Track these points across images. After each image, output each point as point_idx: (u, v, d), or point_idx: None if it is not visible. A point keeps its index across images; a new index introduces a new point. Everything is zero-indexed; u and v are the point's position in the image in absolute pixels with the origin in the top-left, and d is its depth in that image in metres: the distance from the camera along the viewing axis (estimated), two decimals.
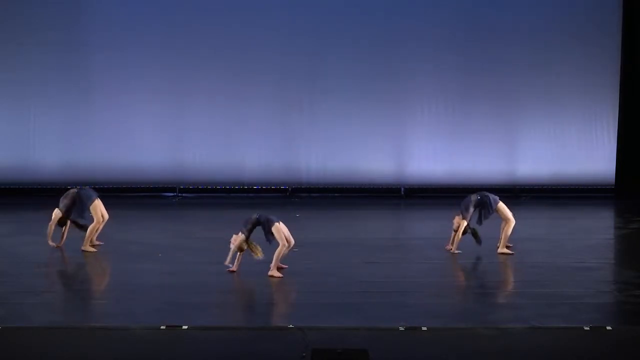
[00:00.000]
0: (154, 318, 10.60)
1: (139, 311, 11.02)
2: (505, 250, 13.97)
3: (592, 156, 19.58)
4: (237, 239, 12.59)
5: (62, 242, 14.20)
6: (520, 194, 19.52)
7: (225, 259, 12.62)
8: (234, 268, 12.65)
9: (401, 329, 10.22)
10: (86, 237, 14.05)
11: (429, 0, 19.42)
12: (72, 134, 19.38)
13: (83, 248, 14.04)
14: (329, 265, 13.28)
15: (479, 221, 14.08)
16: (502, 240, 13.99)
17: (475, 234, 13.97)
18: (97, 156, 19.32)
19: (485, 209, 14.05)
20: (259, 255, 12.57)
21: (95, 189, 14.61)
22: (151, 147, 19.42)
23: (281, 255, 12.59)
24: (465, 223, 13.89)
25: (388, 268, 13.20)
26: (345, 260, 13.63)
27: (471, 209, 13.96)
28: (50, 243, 14.09)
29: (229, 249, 12.60)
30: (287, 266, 12.75)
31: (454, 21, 19.37)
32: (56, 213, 14.09)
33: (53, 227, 14.11)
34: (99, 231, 14.26)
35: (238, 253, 12.65)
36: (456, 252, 13.94)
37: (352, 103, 19.47)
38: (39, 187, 19.33)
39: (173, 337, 9.96)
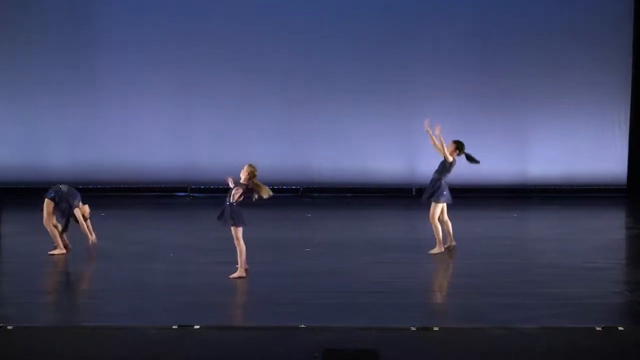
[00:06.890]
0: (166, 318, 10.59)
1: (151, 311, 11.02)
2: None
3: (604, 156, 19.55)
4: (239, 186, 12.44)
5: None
6: (531, 195, 19.49)
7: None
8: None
9: (413, 329, 10.21)
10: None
11: (441, 0, 19.42)
12: (81, 134, 19.42)
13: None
14: (341, 265, 13.27)
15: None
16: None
17: (470, 158, 14.08)
18: (106, 156, 19.35)
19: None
20: (266, 193, 12.43)
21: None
22: (162, 147, 19.44)
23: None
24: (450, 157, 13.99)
25: (399, 268, 13.19)
26: (356, 260, 13.62)
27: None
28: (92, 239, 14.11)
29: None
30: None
31: (466, 22, 19.37)
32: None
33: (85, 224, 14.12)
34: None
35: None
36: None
37: (363, 103, 19.48)
38: (48, 187, 19.27)
39: (185, 336, 9.95)
